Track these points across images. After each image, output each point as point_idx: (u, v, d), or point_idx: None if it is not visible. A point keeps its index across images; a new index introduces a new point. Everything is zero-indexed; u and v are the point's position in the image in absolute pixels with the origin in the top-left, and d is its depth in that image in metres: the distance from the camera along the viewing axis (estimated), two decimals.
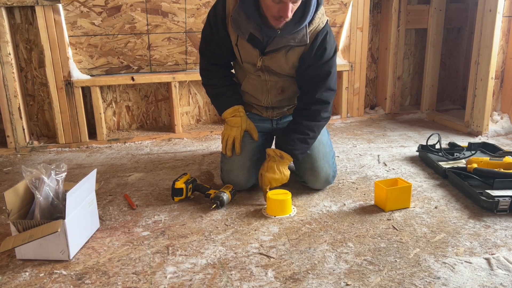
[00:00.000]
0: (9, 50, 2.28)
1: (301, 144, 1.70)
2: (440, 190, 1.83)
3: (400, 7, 2.90)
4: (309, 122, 1.70)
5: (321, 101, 1.69)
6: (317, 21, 1.64)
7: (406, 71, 3.21)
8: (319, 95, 1.68)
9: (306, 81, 1.72)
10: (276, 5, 1.49)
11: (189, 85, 2.77)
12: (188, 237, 1.48)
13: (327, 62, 1.68)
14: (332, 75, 1.70)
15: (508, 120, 2.67)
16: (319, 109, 1.70)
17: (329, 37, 1.67)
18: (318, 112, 1.70)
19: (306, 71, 1.69)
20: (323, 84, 1.68)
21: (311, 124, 1.70)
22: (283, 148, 1.70)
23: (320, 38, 1.65)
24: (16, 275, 1.27)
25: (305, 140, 1.70)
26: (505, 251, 1.36)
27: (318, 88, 1.68)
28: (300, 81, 1.75)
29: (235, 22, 1.62)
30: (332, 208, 1.68)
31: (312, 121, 1.71)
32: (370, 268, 1.29)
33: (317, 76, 1.68)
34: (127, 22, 2.46)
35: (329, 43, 1.67)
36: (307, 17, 1.56)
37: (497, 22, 2.40)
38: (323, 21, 1.66)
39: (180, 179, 1.72)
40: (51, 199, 1.38)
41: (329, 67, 1.69)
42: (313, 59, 1.67)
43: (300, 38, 1.62)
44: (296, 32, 1.60)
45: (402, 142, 2.52)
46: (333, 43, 1.70)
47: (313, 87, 1.69)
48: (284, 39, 1.62)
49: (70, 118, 2.46)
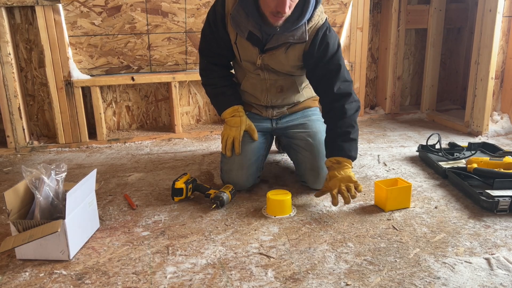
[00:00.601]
0: (9, 50, 2.28)
1: (349, 144, 1.65)
2: (440, 190, 1.83)
3: (400, 7, 2.90)
4: (342, 120, 1.66)
5: (341, 95, 1.66)
6: (316, 18, 1.64)
7: (406, 71, 3.21)
8: (337, 89, 1.65)
9: (319, 80, 1.70)
10: (273, 0, 1.49)
11: (189, 85, 2.77)
12: (188, 237, 1.48)
13: (334, 56, 1.66)
14: (343, 67, 1.67)
15: (508, 120, 2.67)
16: (343, 104, 1.65)
17: (329, 32, 1.66)
18: (343, 107, 1.65)
19: (316, 70, 1.68)
20: (337, 78, 1.66)
21: (345, 122, 1.65)
22: (335, 155, 1.66)
23: (321, 34, 1.64)
24: (16, 275, 1.27)
25: (349, 139, 1.66)
26: (505, 251, 1.36)
27: (334, 83, 1.65)
28: (314, 82, 1.73)
29: (234, 20, 1.63)
30: (332, 208, 1.68)
31: (343, 118, 1.66)
32: (370, 268, 1.28)
33: (329, 72, 1.66)
34: (127, 22, 2.46)
35: (331, 38, 1.66)
36: (306, 14, 1.56)
37: (497, 22, 2.40)
38: (323, 18, 1.66)
39: (180, 179, 1.72)
40: (51, 199, 1.38)
41: (337, 60, 1.67)
42: (318, 56, 1.66)
43: (299, 35, 1.62)
44: (295, 29, 1.60)
45: (402, 142, 2.52)
46: (335, 38, 1.68)
47: (328, 83, 1.66)
48: (283, 36, 1.62)
49: (70, 118, 2.46)
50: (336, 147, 1.66)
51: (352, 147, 1.67)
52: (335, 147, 1.66)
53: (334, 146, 1.67)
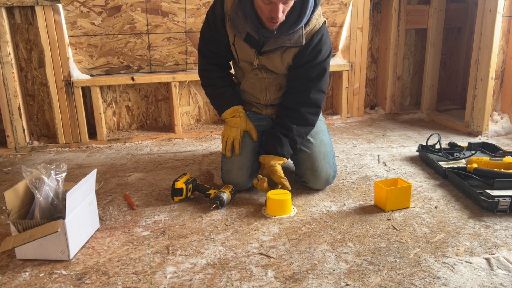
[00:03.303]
0: (9, 50, 2.28)
1: (289, 147, 1.74)
2: (440, 190, 1.83)
3: (400, 7, 2.90)
4: (300, 127, 1.72)
5: (312, 104, 1.71)
6: (314, 22, 1.64)
7: (406, 71, 3.21)
8: (312, 96, 1.70)
9: (296, 80, 1.72)
10: (267, 6, 1.50)
11: (189, 85, 2.77)
12: (188, 237, 1.48)
13: (321, 63, 1.68)
14: (325, 77, 1.71)
15: (508, 120, 2.67)
16: (311, 112, 1.72)
17: (325, 38, 1.67)
18: (308, 117, 1.72)
19: (298, 69, 1.70)
20: (314, 85, 1.70)
21: (301, 130, 1.73)
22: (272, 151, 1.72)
23: (316, 39, 1.65)
24: (16, 275, 1.27)
25: (293, 146, 1.74)
26: (505, 251, 1.36)
27: (310, 88, 1.69)
28: (291, 78, 1.75)
29: (233, 22, 1.63)
30: (332, 208, 1.68)
31: (303, 125, 1.73)
32: (370, 268, 1.29)
33: (308, 76, 1.69)
34: (127, 22, 2.46)
35: (325, 44, 1.67)
36: (304, 18, 1.57)
37: (497, 22, 2.40)
38: (320, 22, 1.66)
39: (180, 179, 1.72)
40: (51, 199, 1.38)
41: (323, 68, 1.69)
42: (307, 58, 1.67)
43: (296, 39, 1.62)
44: (292, 33, 1.61)
45: (402, 142, 2.52)
46: (329, 45, 1.70)
47: (304, 87, 1.70)
48: (280, 39, 1.62)
49: (70, 118, 2.46)
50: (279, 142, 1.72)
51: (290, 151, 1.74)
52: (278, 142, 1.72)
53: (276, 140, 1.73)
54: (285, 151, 1.73)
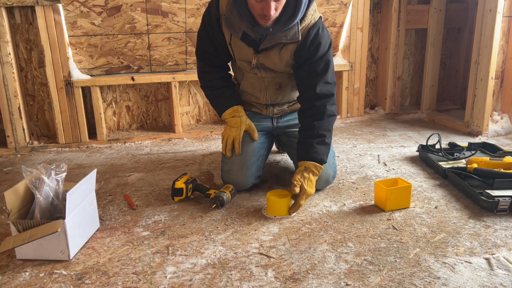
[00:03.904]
0: (9, 50, 2.28)
1: (322, 148, 1.66)
2: (440, 190, 1.83)
3: (400, 7, 2.90)
4: (320, 122, 1.67)
5: (323, 95, 1.67)
6: (309, 17, 1.64)
7: (406, 71, 3.21)
8: (320, 90, 1.66)
9: (304, 77, 1.71)
10: (259, 3, 1.50)
11: (189, 85, 2.77)
12: (188, 237, 1.48)
13: (323, 56, 1.67)
14: (330, 69, 1.68)
15: (508, 120, 2.67)
16: (325, 103, 1.67)
17: (322, 31, 1.66)
18: (324, 107, 1.67)
19: (302, 67, 1.69)
20: (321, 79, 1.67)
21: (322, 124, 1.67)
22: (308, 158, 1.65)
23: (313, 33, 1.64)
24: (16, 275, 1.27)
25: (324, 142, 1.67)
26: (505, 251, 1.36)
27: (317, 83, 1.66)
28: (298, 78, 1.74)
29: (228, 21, 1.63)
30: (332, 208, 1.68)
31: (322, 119, 1.67)
32: (370, 268, 1.29)
33: (314, 71, 1.67)
34: (127, 22, 2.46)
35: (323, 37, 1.66)
36: (298, 14, 1.56)
37: (497, 22, 2.40)
38: (315, 17, 1.66)
39: (180, 179, 1.72)
40: (51, 199, 1.38)
41: (326, 61, 1.67)
42: (308, 54, 1.66)
43: (292, 35, 1.62)
44: (288, 30, 1.61)
45: (402, 142, 2.52)
46: (327, 38, 1.68)
47: (312, 83, 1.67)
48: (276, 36, 1.62)
49: (70, 118, 2.46)
50: (310, 150, 1.65)
51: (325, 152, 1.67)
52: (308, 149, 1.65)
53: (307, 148, 1.66)
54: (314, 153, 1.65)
